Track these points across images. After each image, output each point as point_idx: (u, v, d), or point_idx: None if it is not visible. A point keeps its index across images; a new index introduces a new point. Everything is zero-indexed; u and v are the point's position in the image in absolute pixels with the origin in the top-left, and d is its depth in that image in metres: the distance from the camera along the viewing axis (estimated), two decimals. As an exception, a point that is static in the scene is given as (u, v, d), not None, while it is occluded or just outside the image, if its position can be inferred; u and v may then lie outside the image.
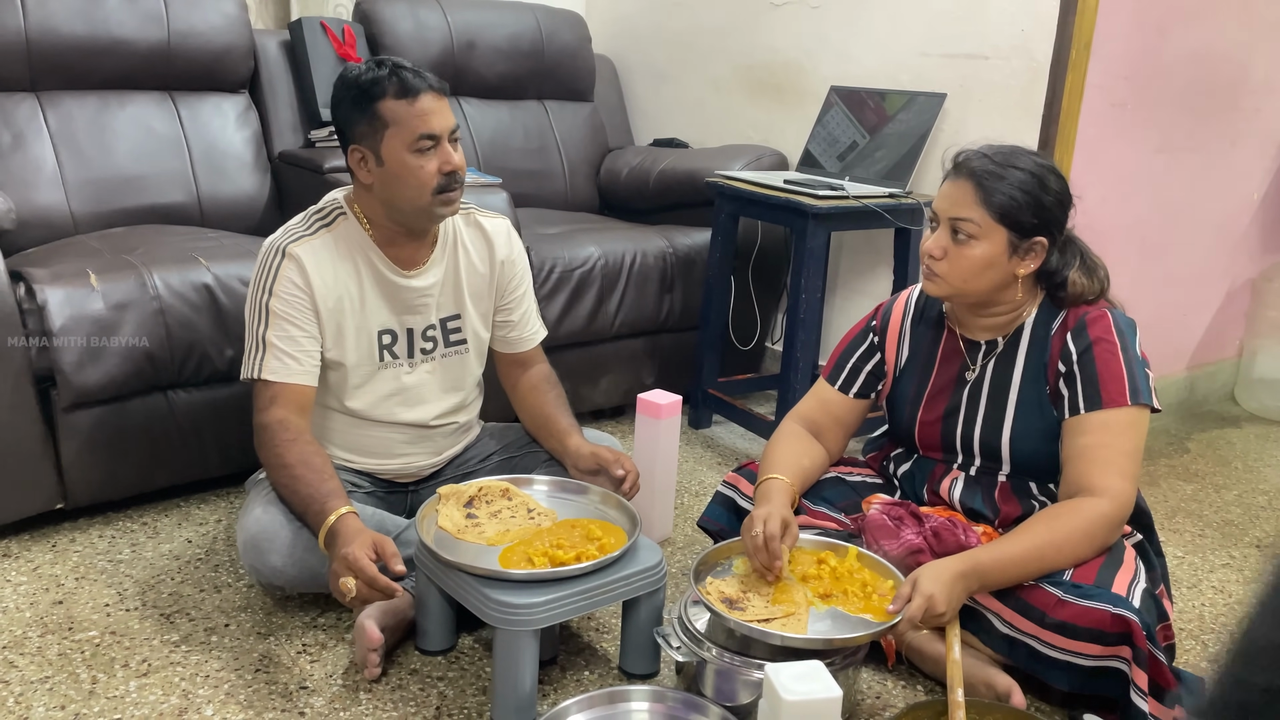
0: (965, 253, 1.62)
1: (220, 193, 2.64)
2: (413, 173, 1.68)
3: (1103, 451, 1.60)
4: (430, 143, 1.68)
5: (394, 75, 1.66)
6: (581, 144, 3.33)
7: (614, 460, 1.79)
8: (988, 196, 1.60)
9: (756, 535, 1.59)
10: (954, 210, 1.63)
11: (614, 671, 1.70)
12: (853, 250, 2.98)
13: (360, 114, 1.68)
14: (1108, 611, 1.47)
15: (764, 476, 1.76)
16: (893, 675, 1.73)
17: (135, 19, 2.54)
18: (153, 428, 2.09)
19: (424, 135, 1.67)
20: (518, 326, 1.96)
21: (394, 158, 1.68)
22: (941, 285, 1.67)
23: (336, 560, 1.49)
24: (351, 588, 1.46)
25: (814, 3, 2.98)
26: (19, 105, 2.42)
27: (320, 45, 2.81)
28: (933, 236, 1.66)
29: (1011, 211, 1.60)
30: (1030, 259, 1.65)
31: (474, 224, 1.90)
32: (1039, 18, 2.43)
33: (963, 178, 1.63)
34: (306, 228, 1.75)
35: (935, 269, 1.66)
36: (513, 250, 1.93)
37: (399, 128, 1.67)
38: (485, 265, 1.89)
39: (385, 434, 1.85)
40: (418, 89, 1.66)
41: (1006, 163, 1.61)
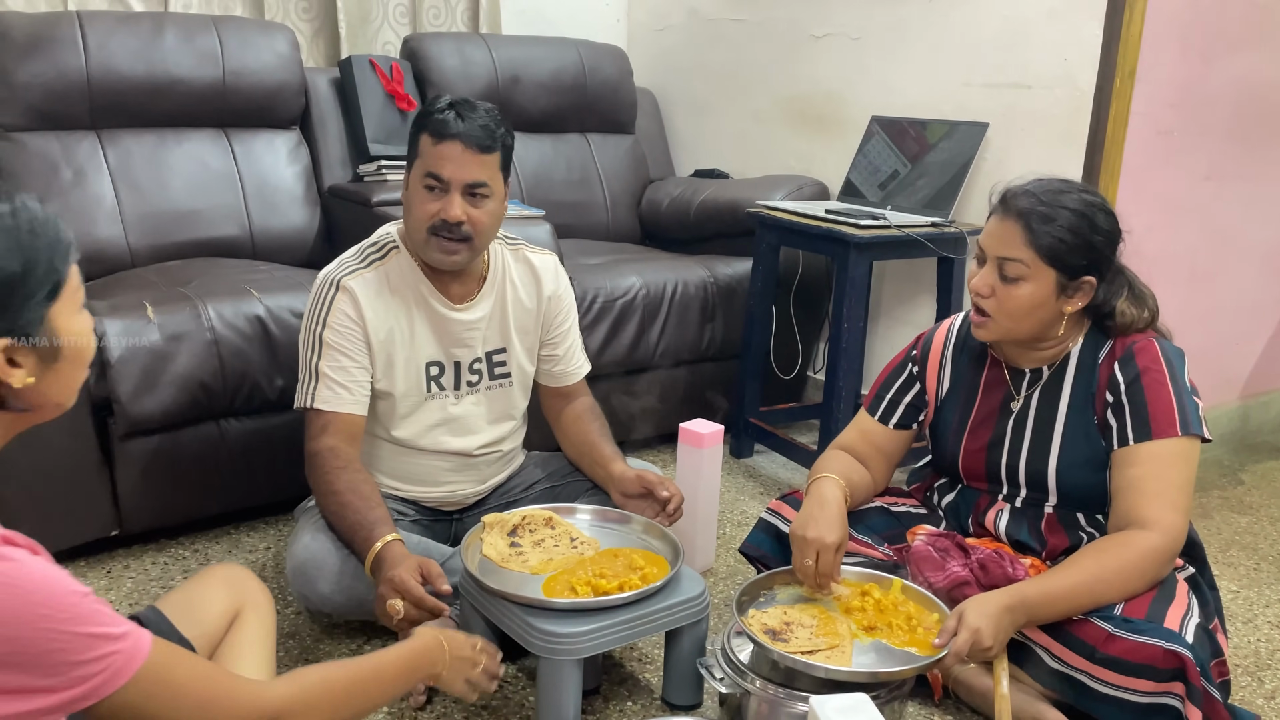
0: (1013, 292, 1.61)
1: (272, 226, 2.71)
2: (415, 204, 1.74)
3: (1153, 483, 1.58)
4: (435, 183, 1.71)
5: (439, 114, 1.71)
6: (623, 175, 3.36)
7: (659, 482, 1.80)
8: (1036, 238, 1.58)
9: (809, 566, 1.60)
10: (1001, 250, 1.61)
11: (657, 702, 1.70)
12: (895, 279, 2.97)
13: (412, 138, 1.76)
14: (1160, 647, 1.45)
15: (815, 476, 1.76)
16: (940, 710, 1.71)
17: (192, 59, 2.62)
18: (205, 456, 2.13)
19: (430, 174, 1.71)
20: (562, 361, 1.98)
21: (412, 186, 1.75)
22: (991, 328, 1.66)
23: (383, 584, 1.51)
24: (399, 609, 1.48)
25: (855, 34, 2.99)
26: (80, 143, 2.50)
27: (369, 82, 2.88)
28: (980, 274, 1.65)
29: (1060, 254, 1.59)
30: (1078, 297, 1.64)
31: (523, 260, 1.93)
32: (1082, 46, 2.42)
33: (1010, 217, 1.61)
34: (360, 261, 1.80)
35: (984, 306, 1.64)
36: (559, 286, 1.96)
37: (421, 160, 1.73)
38: (532, 301, 1.92)
39: (431, 462, 1.87)
40: (447, 134, 1.69)
41: (1055, 202, 1.59)
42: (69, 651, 0.89)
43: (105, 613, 0.93)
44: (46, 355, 0.96)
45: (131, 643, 0.94)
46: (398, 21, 3.27)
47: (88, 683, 0.91)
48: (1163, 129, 2.54)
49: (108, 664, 0.92)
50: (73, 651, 0.89)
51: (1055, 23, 2.48)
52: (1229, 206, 2.81)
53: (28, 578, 0.88)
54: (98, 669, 0.91)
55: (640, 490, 1.81)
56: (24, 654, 0.87)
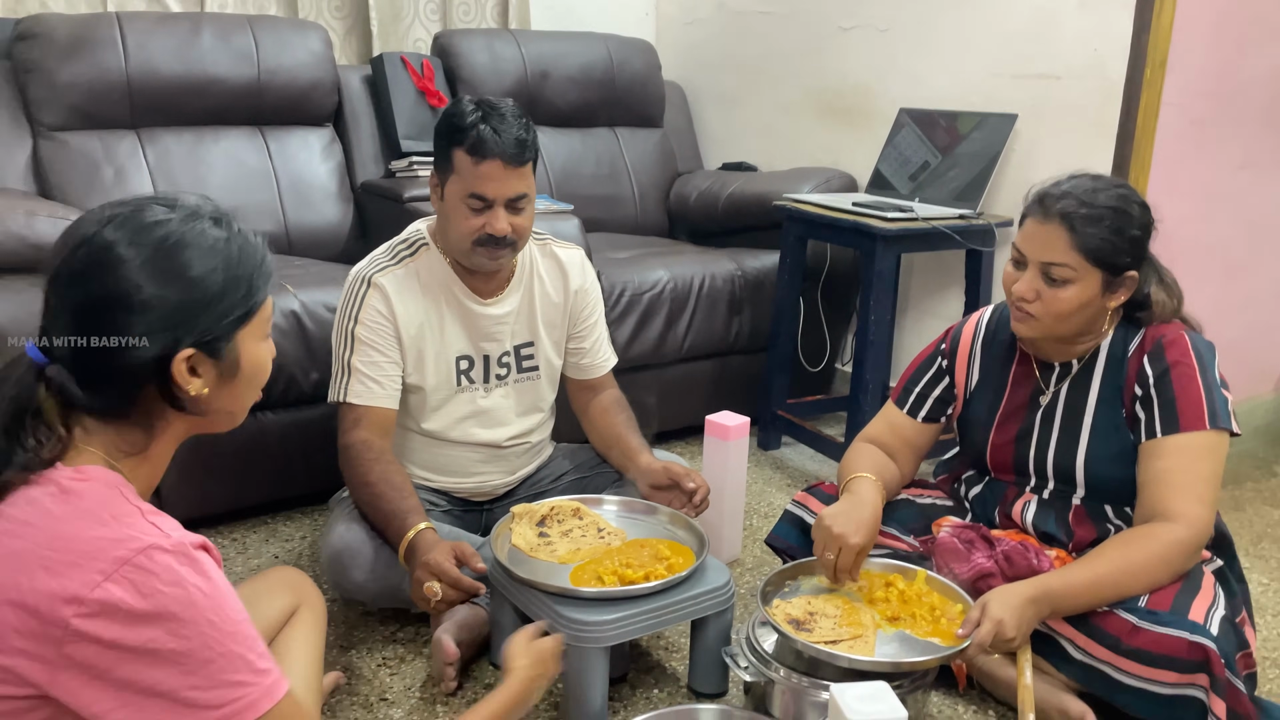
0: (1059, 295, 1.60)
1: (306, 222, 2.76)
2: (457, 219, 1.76)
3: (1180, 476, 1.58)
4: (480, 203, 1.74)
5: (476, 129, 1.71)
6: (651, 169, 3.38)
7: (684, 474, 1.83)
8: (1082, 241, 1.57)
9: (829, 560, 1.62)
10: (1045, 255, 1.60)
11: (683, 690, 1.73)
12: (924, 271, 2.97)
13: (441, 149, 1.77)
14: (1184, 639, 1.45)
15: (853, 474, 1.76)
16: (964, 700, 1.72)
17: (228, 58, 2.67)
18: (244, 448, 2.19)
19: (475, 195, 1.73)
20: (589, 354, 2.01)
21: (451, 199, 1.77)
22: (1035, 326, 1.65)
23: (419, 568, 1.56)
24: (436, 590, 1.52)
25: (883, 25, 2.99)
26: (120, 141, 2.57)
27: (400, 79, 2.92)
28: (1023, 279, 1.63)
29: (1106, 254, 1.58)
30: (1121, 292, 1.64)
31: (550, 254, 1.96)
32: (1112, 37, 2.41)
33: (1052, 220, 1.59)
34: (391, 258, 1.83)
35: (1029, 310, 1.63)
36: (586, 280, 1.99)
37: (460, 177, 1.74)
38: (560, 295, 1.95)
39: (461, 453, 1.91)
40: (488, 154, 1.70)
41: (1094, 201, 1.58)
42: (220, 666, 0.92)
43: (259, 644, 0.97)
44: (226, 372, 1.03)
45: (272, 680, 0.97)
46: (428, 19, 3.30)
47: (224, 708, 0.93)
48: (1196, 118, 2.51)
49: (245, 694, 0.94)
50: (223, 668, 0.92)
51: (1085, 12, 2.47)
52: (1265, 196, 2.78)
53: (212, 584, 0.93)
54: (236, 695, 0.93)
55: (667, 482, 1.84)
56: (184, 655, 0.91)
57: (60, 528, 0.91)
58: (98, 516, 0.92)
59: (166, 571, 0.90)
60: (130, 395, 1.00)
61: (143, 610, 0.89)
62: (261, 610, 1.40)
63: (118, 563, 0.89)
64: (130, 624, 0.89)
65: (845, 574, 1.64)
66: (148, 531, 0.92)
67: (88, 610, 0.88)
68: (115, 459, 1.00)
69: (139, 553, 0.90)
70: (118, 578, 0.88)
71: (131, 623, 0.89)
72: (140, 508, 0.96)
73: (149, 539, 0.91)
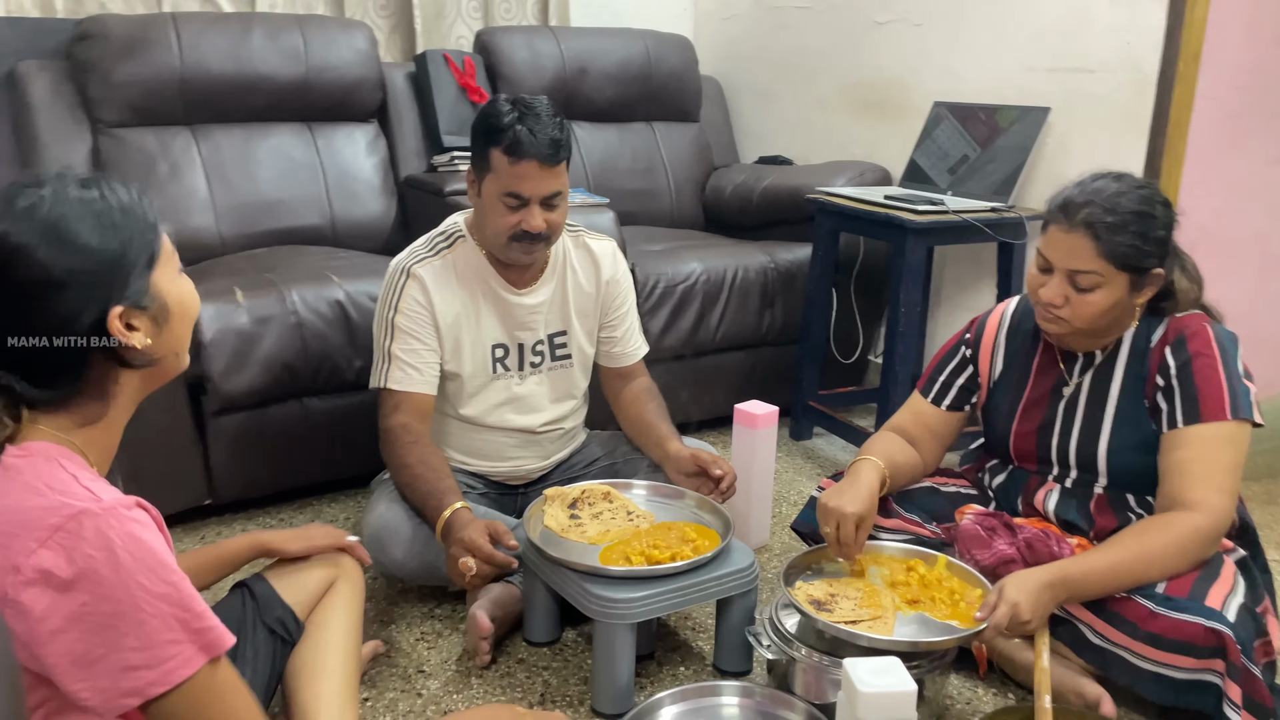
0: (1088, 299, 1.62)
1: (351, 215, 2.85)
2: (496, 217, 1.83)
3: (1199, 466, 1.60)
4: (516, 201, 1.80)
5: (512, 130, 1.77)
6: (687, 163, 3.43)
7: (712, 461, 1.88)
8: (1109, 249, 1.59)
9: (830, 534, 1.68)
10: (1072, 263, 1.61)
11: (709, 668, 1.78)
12: (957, 264, 2.99)
13: (478, 148, 1.84)
14: (1200, 624, 1.48)
15: (858, 458, 1.81)
16: (984, 683, 1.76)
17: (277, 56, 2.76)
18: (290, 432, 2.28)
19: (511, 194, 1.80)
20: (620, 342, 2.07)
21: (488, 196, 1.84)
22: (1063, 326, 1.67)
23: (454, 545, 1.63)
24: (471, 566, 1.59)
25: (917, 20, 3.01)
26: (175, 138, 2.67)
27: (443, 76, 3.00)
28: (1050, 285, 1.64)
29: (1132, 258, 1.60)
30: (1148, 289, 1.66)
31: (582, 245, 2.02)
32: (1145, 30, 2.41)
33: (1076, 229, 1.60)
34: (429, 250, 1.91)
35: (1059, 315, 1.65)
36: (618, 270, 2.05)
37: (496, 176, 1.81)
38: (592, 285, 2.01)
39: (497, 438, 1.98)
40: (524, 154, 1.77)
41: (1117, 206, 1.59)
42: (154, 627, 0.94)
43: (196, 602, 0.98)
44: (158, 316, 1.06)
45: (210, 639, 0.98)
46: (470, 16, 3.38)
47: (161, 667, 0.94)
48: (1230, 112, 2.51)
49: (180, 651, 0.95)
50: (157, 628, 0.94)
51: (1118, 6, 2.47)
52: (1302, 190, 2.76)
53: (142, 546, 0.95)
54: (171, 654, 0.95)
55: (695, 469, 1.89)
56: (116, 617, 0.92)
57: (1, 503, 0.95)
58: (34, 488, 0.96)
59: (95, 536, 0.92)
60: (80, 373, 1.02)
61: (71, 576, 0.91)
62: (301, 582, 1.48)
63: (50, 530, 0.92)
64: (62, 590, 0.91)
65: (848, 547, 1.67)
66: (80, 496, 0.95)
67: (24, 579, 0.91)
68: (69, 430, 1.03)
69: (69, 519, 0.93)
70: (51, 544, 0.92)
71: (63, 589, 0.91)
72: (76, 475, 0.98)
73: (80, 504, 0.94)
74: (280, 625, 1.43)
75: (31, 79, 2.57)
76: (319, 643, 1.44)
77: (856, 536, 1.68)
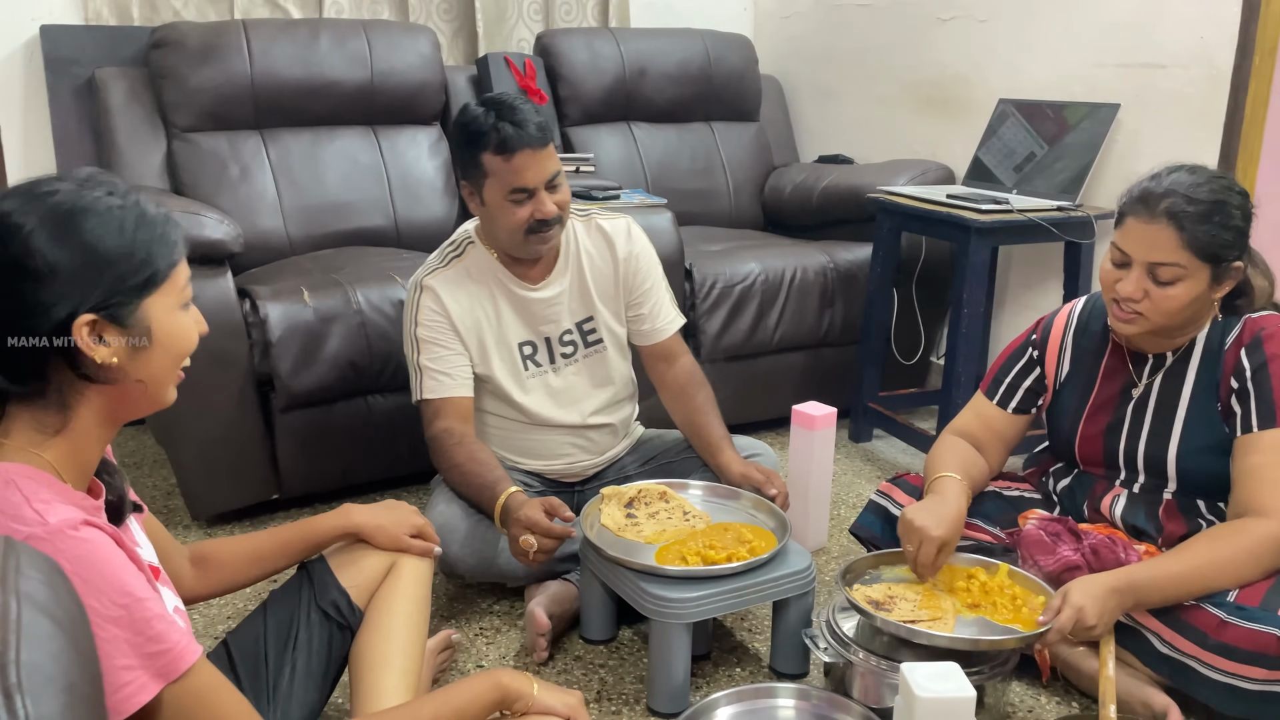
0: (1169, 293, 1.59)
1: (414, 216, 2.89)
2: (507, 216, 1.84)
3: (1274, 471, 1.56)
4: (523, 195, 1.82)
5: (495, 129, 1.79)
6: (747, 163, 3.42)
7: (764, 481, 1.87)
8: (1191, 239, 1.55)
9: (911, 552, 1.65)
10: (1154, 255, 1.58)
11: (765, 670, 1.78)
12: (1023, 263, 2.94)
13: (467, 157, 1.86)
14: (1273, 635, 1.44)
15: (938, 474, 1.77)
16: (1047, 691, 1.73)
17: (344, 62, 2.82)
18: (354, 429, 2.33)
19: (516, 189, 1.81)
20: (649, 319, 2.05)
21: (492, 201, 1.85)
22: (1142, 323, 1.63)
23: (514, 525, 1.66)
24: (532, 542, 1.63)
25: (982, 16, 2.96)
26: (246, 142, 2.74)
27: (504, 78, 3.03)
28: (1129, 279, 1.61)
29: (1215, 249, 1.57)
30: (1228, 282, 1.62)
31: (595, 228, 2.03)
32: (1219, 24, 2.34)
33: (1159, 220, 1.57)
34: (440, 261, 1.96)
35: (1137, 309, 1.62)
36: (634, 246, 2.03)
37: (496, 178, 1.82)
38: (608, 265, 2.02)
39: (546, 436, 2.00)
40: (514, 147, 1.79)
41: (1198, 196, 1.56)
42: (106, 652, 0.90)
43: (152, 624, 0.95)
44: (136, 339, 1.01)
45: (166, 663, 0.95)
46: (532, 19, 3.41)
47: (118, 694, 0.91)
48: (1310, 107, 2.43)
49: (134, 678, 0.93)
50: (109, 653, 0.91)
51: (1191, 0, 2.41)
52: (1387, 187, 2.66)
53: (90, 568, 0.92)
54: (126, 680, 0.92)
55: (747, 488, 1.88)
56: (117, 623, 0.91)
57: None
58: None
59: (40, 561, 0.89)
60: (39, 371, 0.99)
61: None
62: (360, 566, 1.45)
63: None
64: None
65: (927, 569, 1.65)
66: (27, 520, 0.92)
67: None
68: (37, 443, 1.00)
69: None
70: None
71: None
72: (29, 497, 0.94)
73: (26, 529, 0.91)
74: (335, 609, 1.41)
75: (110, 85, 2.66)
76: (379, 630, 1.41)
77: (936, 559, 1.65)
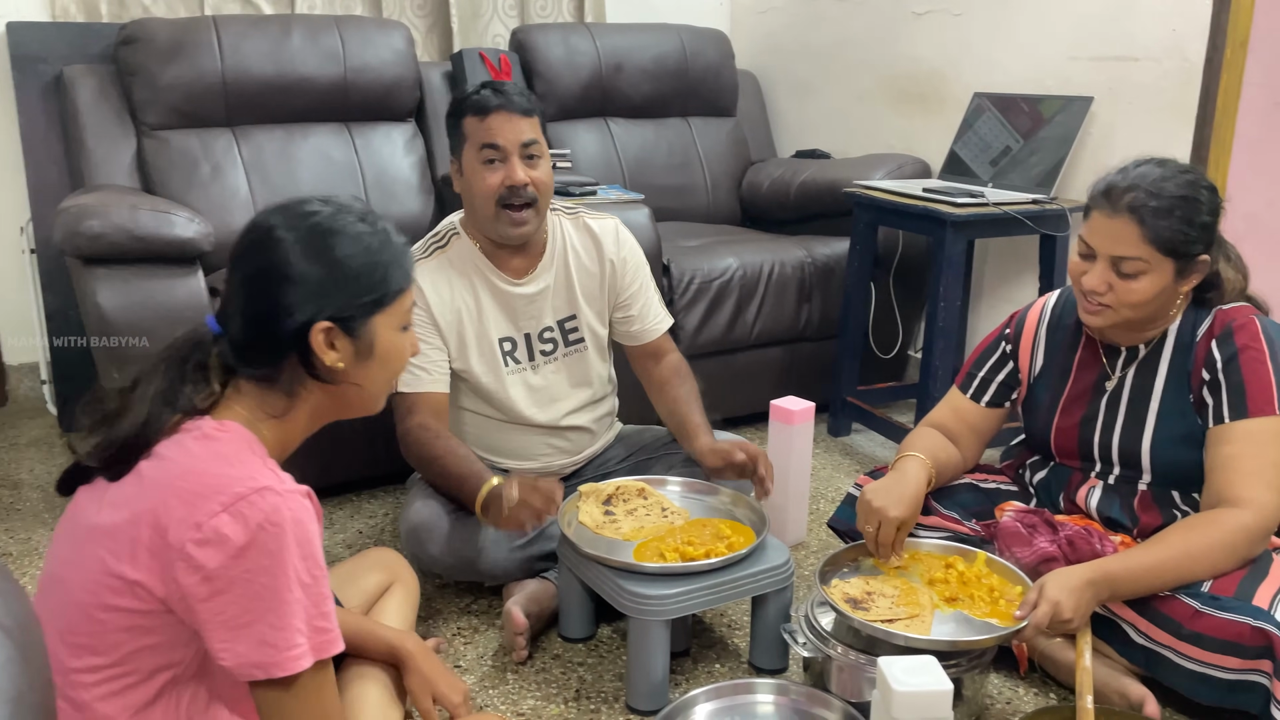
0: (1132, 286, 1.59)
1: (389, 213, 2.82)
2: (476, 181, 1.83)
3: (1247, 462, 1.57)
4: (494, 153, 1.80)
5: (476, 94, 1.81)
6: (724, 158, 3.42)
7: (731, 449, 1.85)
8: (1154, 234, 1.56)
9: (869, 533, 1.66)
10: (1116, 249, 1.59)
11: (744, 666, 1.78)
12: (999, 257, 2.95)
13: (452, 129, 1.87)
14: (1248, 624, 1.45)
15: (903, 454, 1.79)
16: (1025, 682, 1.73)
17: (316, 58, 2.79)
18: (331, 428, 2.26)
19: (486, 145, 1.80)
20: (639, 320, 2.04)
21: (468, 168, 1.84)
22: (1108, 316, 1.64)
23: (516, 508, 1.62)
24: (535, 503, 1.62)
25: (956, 10, 2.97)
26: (217, 139, 2.71)
27: (479, 74, 3.01)
28: (1094, 272, 1.62)
29: (1178, 244, 1.57)
30: (1194, 276, 1.63)
31: (583, 227, 2.01)
32: (1191, 17, 2.36)
33: (1121, 214, 1.58)
34: (423, 252, 1.93)
35: (1102, 302, 1.63)
36: (622, 247, 2.02)
37: (471, 140, 1.82)
38: (595, 265, 2.00)
39: (523, 436, 1.98)
40: (490, 107, 1.79)
41: (1162, 191, 1.57)
42: (292, 610, 1.00)
43: (328, 602, 1.05)
44: (361, 351, 1.15)
45: (325, 640, 1.05)
46: (507, 14, 3.39)
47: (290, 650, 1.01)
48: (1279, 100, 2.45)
49: (303, 642, 1.02)
50: (294, 613, 1.01)
51: (1163, -8, 2.42)
52: (1358, 178, 2.68)
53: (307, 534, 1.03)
54: (297, 642, 1.01)
55: (719, 463, 1.87)
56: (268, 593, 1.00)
57: (196, 464, 1.04)
58: (227, 459, 1.05)
59: (273, 513, 1.00)
60: (276, 361, 1.12)
61: (244, 543, 0.99)
62: (360, 584, 1.53)
63: (236, 497, 1.00)
64: (233, 555, 0.99)
65: (886, 548, 1.66)
66: (266, 477, 1.04)
67: (202, 536, 0.99)
68: (258, 419, 1.13)
69: (255, 492, 1.01)
70: (234, 510, 0.99)
71: (234, 554, 0.99)
72: (264, 460, 1.08)
73: (265, 482, 1.02)
74: None
75: (78, 83, 2.63)
76: None
77: (896, 538, 1.66)
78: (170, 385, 1.10)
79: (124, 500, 1.04)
